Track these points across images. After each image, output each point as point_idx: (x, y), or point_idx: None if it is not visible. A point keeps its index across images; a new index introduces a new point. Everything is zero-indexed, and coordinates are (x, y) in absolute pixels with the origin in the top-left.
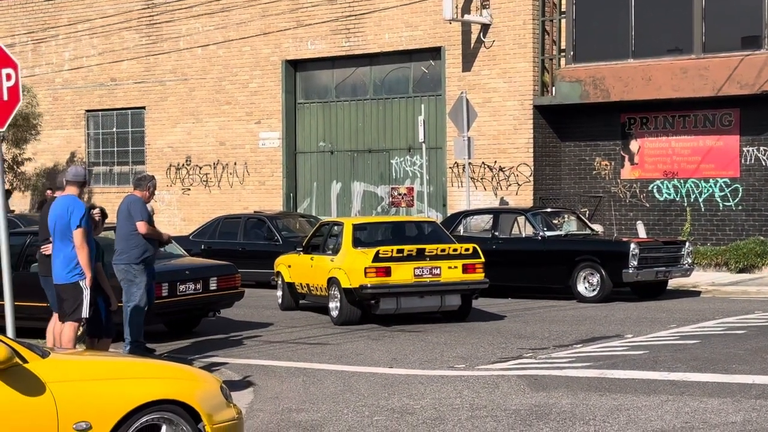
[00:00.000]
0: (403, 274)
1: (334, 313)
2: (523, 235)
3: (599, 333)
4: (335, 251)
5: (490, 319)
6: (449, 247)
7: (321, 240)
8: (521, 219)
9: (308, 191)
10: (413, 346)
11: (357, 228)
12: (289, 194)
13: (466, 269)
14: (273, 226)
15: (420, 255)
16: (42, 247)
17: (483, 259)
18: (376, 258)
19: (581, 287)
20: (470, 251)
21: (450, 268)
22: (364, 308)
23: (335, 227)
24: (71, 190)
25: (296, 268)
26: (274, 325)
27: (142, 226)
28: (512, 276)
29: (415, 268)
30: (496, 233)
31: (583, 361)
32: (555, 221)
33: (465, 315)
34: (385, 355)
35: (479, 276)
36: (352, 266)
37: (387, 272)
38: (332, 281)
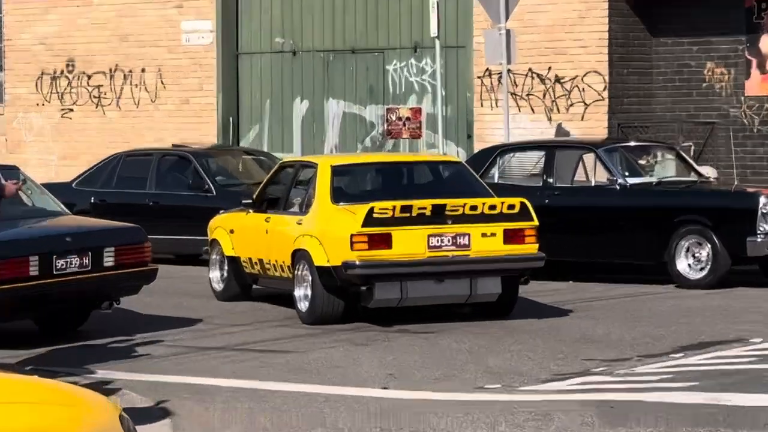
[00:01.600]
0: (411, 244)
1: (303, 306)
2: (593, 183)
3: (711, 335)
4: (304, 209)
5: (540, 315)
6: (484, 203)
7: (282, 191)
8: (590, 158)
9: (257, 114)
10: (420, 356)
11: (339, 172)
12: (228, 119)
13: (509, 237)
14: (202, 168)
15: (438, 215)
16: None
17: (536, 222)
18: (370, 219)
19: (683, 264)
20: (515, 209)
21: (485, 235)
22: (350, 298)
23: (304, 171)
24: None
25: (243, 234)
26: (207, 323)
27: None
28: (575, 247)
29: (429, 236)
30: (550, 180)
31: (685, 379)
32: (642, 161)
33: (508, 309)
34: (378, 370)
35: (530, 248)
36: (331, 232)
37: (386, 242)
38: (300, 256)
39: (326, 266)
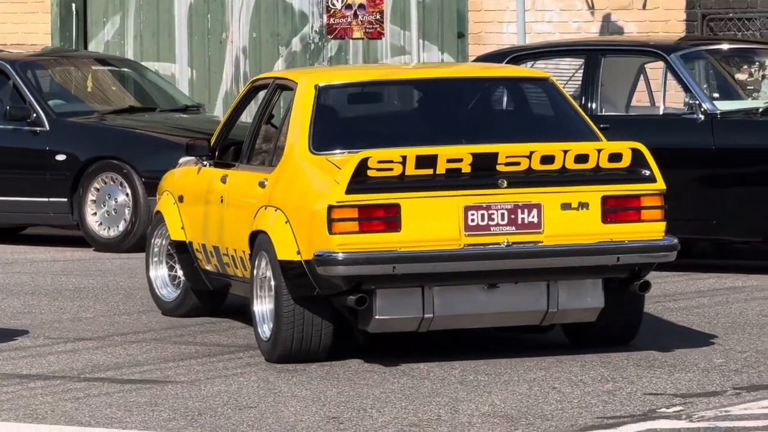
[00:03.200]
0: (434, 224)
1: (265, 330)
2: (661, 111)
3: None
4: (271, 160)
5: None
6: (566, 151)
7: (247, 131)
8: (656, 69)
9: (117, 0)
10: (382, 389)
11: (328, 96)
12: (69, 6)
13: (613, 211)
14: (26, 86)
15: (483, 171)
16: None
17: (661, 184)
18: (361, 180)
19: None
20: (624, 160)
21: (568, 207)
22: (342, 318)
23: (281, 95)
24: None
25: (194, 203)
26: (35, 336)
27: None
28: None
29: (468, 209)
30: (592, 106)
31: None
32: (741, 75)
33: (626, 334)
34: (315, 411)
35: (652, 229)
36: (302, 202)
37: (390, 219)
38: (259, 243)
39: (294, 261)
